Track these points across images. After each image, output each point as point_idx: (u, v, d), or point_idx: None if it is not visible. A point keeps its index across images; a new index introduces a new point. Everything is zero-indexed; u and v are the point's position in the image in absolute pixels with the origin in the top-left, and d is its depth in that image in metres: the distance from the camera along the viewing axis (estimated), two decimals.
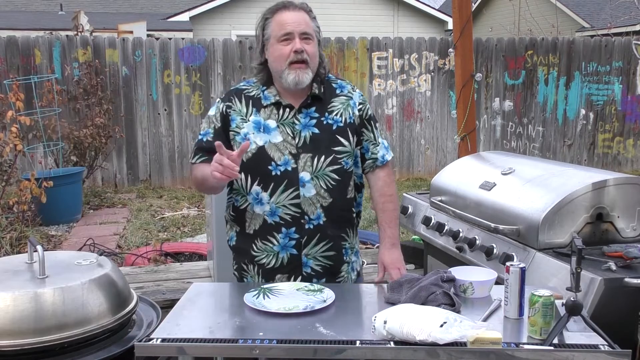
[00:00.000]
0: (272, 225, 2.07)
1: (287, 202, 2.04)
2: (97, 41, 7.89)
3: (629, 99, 9.41)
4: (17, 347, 2.01)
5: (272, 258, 2.11)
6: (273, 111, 2.09)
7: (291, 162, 2.04)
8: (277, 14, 2.06)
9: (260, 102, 2.10)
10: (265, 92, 2.11)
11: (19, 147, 5.25)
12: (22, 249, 4.83)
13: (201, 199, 7.23)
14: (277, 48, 2.02)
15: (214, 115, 2.15)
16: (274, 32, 2.04)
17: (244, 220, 2.13)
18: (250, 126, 2.07)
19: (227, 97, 2.15)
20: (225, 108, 2.12)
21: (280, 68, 2.02)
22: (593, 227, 2.34)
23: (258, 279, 2.16)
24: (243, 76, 8.23)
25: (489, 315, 1.84)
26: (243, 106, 2.11)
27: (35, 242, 2.28)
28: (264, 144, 2.05)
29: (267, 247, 2.10)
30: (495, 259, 2.46)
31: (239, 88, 2.17)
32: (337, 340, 1.67)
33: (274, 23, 2.05)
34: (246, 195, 2.09)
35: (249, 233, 2.13)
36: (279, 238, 2.07)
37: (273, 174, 2.04)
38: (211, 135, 2.13)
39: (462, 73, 3.92)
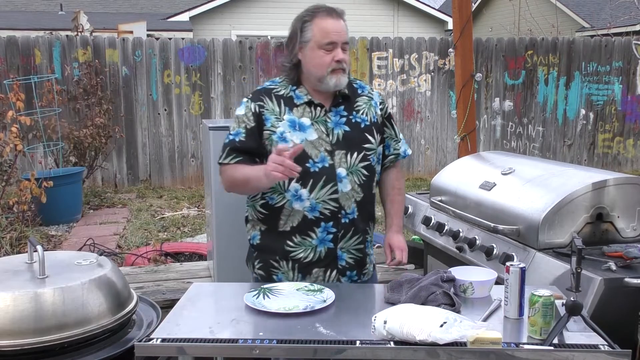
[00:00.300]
0: (312, 221, 2.10)
1: (326, 197, 2.09)
2: (97, 41, 7.89)
3: (629, 99, 9.41)
4: (17, 347, 2.01)
5: (310, 252, 2.13)
6: (306, 109, 2.13)
7: (327, 158, 2.10)
8: (318, 19, 2.08)
9: (293, 101, 2.14)
10: (296, 91, 2.15)
11: (19, 147, 5.25)
12: (22, 249, 4.83)
13: (201, 199, 7.23)
14: (318, 54, 2.07)
15: (244, 115, 2.13)
16: (315, 37, 2.07)
17: (278, 218, 2.13)
18: (285, 125, 2.10)
19: (257, 97, 2.15)
20: (258, 107, 2.12)
21: (321, 74, 2.08)
22: (593, 227, 2.34)
23: (293, 274, 2.16)
24: (243, 76, 8.23)
25: (489, 315, 1.84)
26: (275, 105, 2.13)
27: (35, 242, 2.28)
28: (301, 142, 2.08)
29: (306, 241, 2.12)
30: (495, 259, 2.47)
31: (266, 88, 2.19)
32: (337, 340, 1.67)
33: (317, 29, 2.07)
34: (284, 193, 2.11)
35: (285, 230, 2.13)
36: (318, 232, 2.11)
37: (312, 171, 2.08)
38: (243, 135, 2.12)
39: (462, 73, 3.92)
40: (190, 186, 8.20)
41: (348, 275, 2.19)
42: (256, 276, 2.25)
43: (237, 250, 3.65)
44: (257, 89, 2.20)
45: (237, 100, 8.25)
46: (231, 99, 8.26)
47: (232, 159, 2.12)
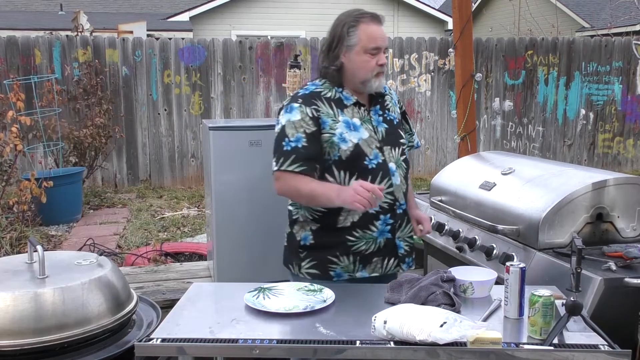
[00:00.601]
0: (372, 215, 2.18)
1: (383, 191, 2.14)
2: (97, 41, 7.89)
3: (629, 99, 9.41)
4: (17, 347, 2.01)
5: (371, 244, 2.21)
6: (354, 110, 2.21)
7: (379, 155, 2.20)
8: (364, 24, 2.15)
9: (342, 102, 2.21)
10: (343, 92, 2.22)
11: (19, 147, 5.25)
12: (22, 249, 4.83)
13: (201, 199, 7.23)
14: (364, 58, 2.15)
15: (301, 120, 2.13)
16: (362, 42, 2.14)
17: (338, 215, 2.17)
18: (342, 126, 2.16)
19: (310, 101, 2.16)
20: (314, 111, 2.14)
21: (367, 77, 2.17)
22: (593, 227, 2.34)
23: (354, 266, 2.22)
24: (243, 76, 8.23)
25: (489, 315, 1.84)
26: (328, 108, 2.17)
27: (35, 242, 2.28)
28: (357, 141, 2.16)
29: (367, 234, 2.20)
30: (495, 259, 2.46)
31: (314, 91, 2.21)
32: (337, 340, 1.67)
33: (363, 33, 2.14)
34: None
35: (345, 226, 2.18)
36: (378, 225, 2.20)
37: (370, 168, 2.17)
38: (304, 140, 2.12)
39: (462, 73, 3.92)
40: (190, 186, 8.20)
41: (407, 262, 2.32)
42: (303, 277, 2.25)
43: (237, 250, 3.66)
44: (305, 93, 2.20)
45: (237, 100, 8.26)
46: (231, 99, 8.26)
47: (297, 167, 2.11)
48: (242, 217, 3.64)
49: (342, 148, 2.14)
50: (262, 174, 3.67)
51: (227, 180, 3.59)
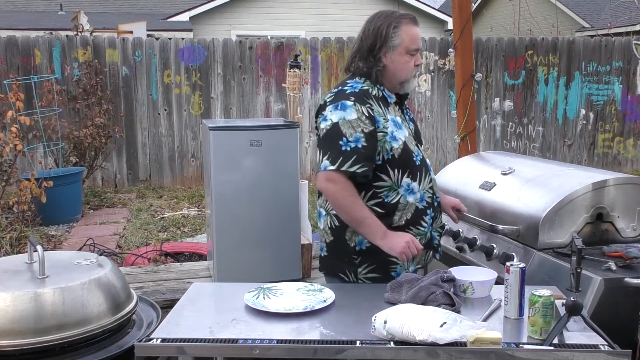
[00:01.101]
0: (421, 210, 2.23)
1: (427, 187, 2.26)
2: (97, 41, 7.89)
3: (629, 99, 9.41)
4: (17, 347, 2.01)
5: (422, 239, 2.24)
6: (395, 109, 2.26)
7: (419, 152, 2.27)
8: (406, 26, 2.18)
9: (387, 101, 2.23)
10: (385, 91, 2.24)
11: (19, 147, 5.25)
12: (22, 249, 4.83)
13: (201, 199, 7.23)
14: (405, 59, 2.18)
15: (357, 119, 2.09)
16: (404, 43, 2.17)
17: (393, 214, 2.18)
18: (391, 124, 2.17)
19: (362, 99, 2.14)
20: (369, 110, 2.13)
21: (406, 77, 2.22)
22: (593, 227, 2.34)
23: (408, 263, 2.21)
24: (243, 76, 8.23)
25: (489, 315, 1.84)
26: (378, 107, 2.17)
27: (35, 242, 2.28)
28: (404, 139, 2.20)
29: (420, 230, 2.24)
30: (495, 259, 2.47)
31: (363, 89, 2.18)
32: (337, 340, 1.67)
33: (405, 34, 2.17)
34: (397, 189, 2.18)
35: (399, 225, 2.18)
36: (427, 219, 2.26)
37: (417, 164, 2.22)
38: (363, 140, 2.09)
39: (462, 73, 3.92)
40: (190, 186, 8.20)
41: (439, 252, 2.40)
42: (362, 282, 2.21)
43: (237, 250, 3.66)
44: (355, 91, 2.16)
45: (237, 100, 8.26)
46: (231, 99, 8.26)
47: (358, 168, 2.07)
48: (242, 217, 3.64)
49: (394, 146, 2.15)
50: (262, 174, 3.68)
51: (227, 180, 3.60)
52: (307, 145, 8.50)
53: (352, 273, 2.21)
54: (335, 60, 8.48)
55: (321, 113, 2.18)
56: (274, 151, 3.66)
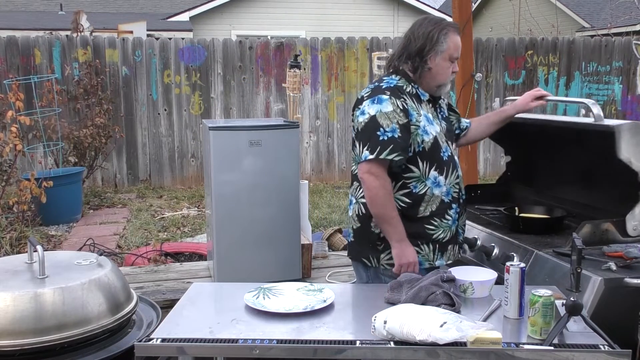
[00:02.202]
0: (447, 204, 2.31)
1: (454, 181, 2.34)
2: (97, 41, 7.89)
3: (629, 99, 9.41)
4: (17, 347, 2.01)
5: (447, 232, 2.33)
6: (428, 106, 2.35)
7: (448, 148, 2.35)
8: (452, 34, 2.29)
9: (420, 98, 2.32)
10: (419, 89, 2.33)
11: (18, 147, 5.25)
12: (22, 249, 4.82)
13: (201, 199, 7.23)
14: (447, 64, 2.30)
15: (393, 111, 2.21)
16: (449, 50, 2.28)
17: (419, 205, 2.27)
18: (424, 119, 2.27)
19: (397, 94, 2.25)
20: (403, 104, 2.23)
21: (442, 82, 2.32)
22: (593, 227, 2.34)
23: (433, 255, 2.30)
24: (243, 76, 8.23)
25: (489, 315, 1.84)
26: (411, 102, 2.28)
27: (35, 242, 2.28)
28: (435, 134, 2.30)
29: (444, 223, 2.31)
30: (495, 259, 2.47)
31: (398, 85, 2.30)
32: (337, 340, 1.67)
33: (451, 42, 2.28)
34: (425, 181, 2.27)
35: (424, 215, 2.28)
36: (451, 214, 2.33)
37: (444, 159, 2.31)
38: (399, 131, 2.20)
39: (462, 73, 3.92)
40: (190, 186, 8.20)
41: (463, 248, 2.48)
42: (383, 267, 2.29)
43: (237, 250, 3.66)
44: (390, 86, 2.28)
45: (237, 100, 8.26)
46: (231, 99, 8.26)
47: (396, 156, 2.18)
48: (242, 217, 3.64)
49: (425, 140, 2.25)
50: (262, 174, 3.68)
51: (227, 180, 3.59)
52: (307, 145, 8.50)
53: (375, 258, 2.30)
54: (335, 60, 8.47)
55: (358, 107, 2.30)
56: (274, 151, 3.65)
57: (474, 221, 2.81)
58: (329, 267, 4.13)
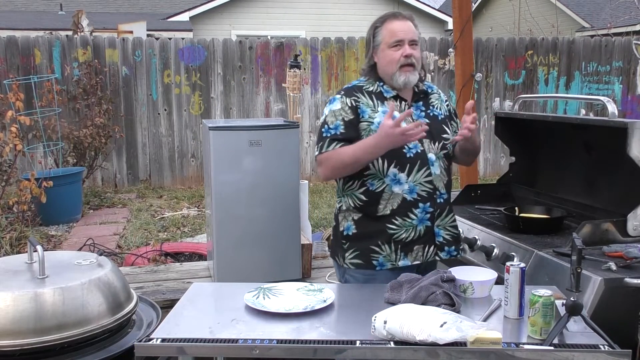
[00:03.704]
0: (410, 202, 2.24)
1: (422, 179, 2.25)
2: (97, 41, 7.89)
3: (629, 99, 9.41)
4: (17, 347, 2.01)
5: (411, 232, 2.26)
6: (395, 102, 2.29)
7: (418, 145, 2.26)
8: (387, 22, 2.28)
9: (383, 95, 2.31)
10: (384, 87, 2.32)
11: (18, 147, 5.25)
12: (22, 249, 4.83)
13: (201, 199, 7.23)
14: (388, 53, 2.26)
15: (341, 109, 2.26)
16: (385, 39, 2.26)
17: (378, 203, 2.24)
18: (381, 116, 2.23)
19: (351, 93, 2.30)
20: (353, 101, 2.27)
21: (392, 71, 2.26)
22: (593, 227, 2.34)
23: (395, 255, 2.26)
24: (243, 76, 8.23)
25: (489, 315, 1.84)
26: (369, 99, 2.28)
27: (35, 242, 2.28)
28: None
29: (407, 222, 2.25)
30: (495, 259, 2.46)
31: (356, 85, 2.34)
32: (337, 340, 1.67)
33: (385, 31, 2.27)
34: (383, 178, 2.23)
35: (384, 214, 2.24)
36: (417, 213, 2.25)
37: (407, 156, 2.23)
38: (342, 127, 2.24)
39: (462, 73, 3.93)
40: (190, 186, 8.20)
41: (447, 251, 2.34)
42: (346, 267, 2.31)
43: (237, 250, 3.66)
44: (348, 87, 2.34)
45: (237, 100, 8.26)
46: (231, 99, 8.26)
47: (335, 146, 2.23)
48: (242, 217, 3.64)
49: None
50: (262, 174, 3.68)
51: (227, 180, 3.60)
52: (307, 145, 8.50)
53: (341, 257, 2.33)
54: (335, 60, 8.48)
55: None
56: (274, 151, 3.65)
57: (474, 221, 2.81)
58: (329, 267, 4.13)
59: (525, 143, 3.17)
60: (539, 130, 3.03)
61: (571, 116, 3.10)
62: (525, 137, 3.13)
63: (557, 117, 2.98)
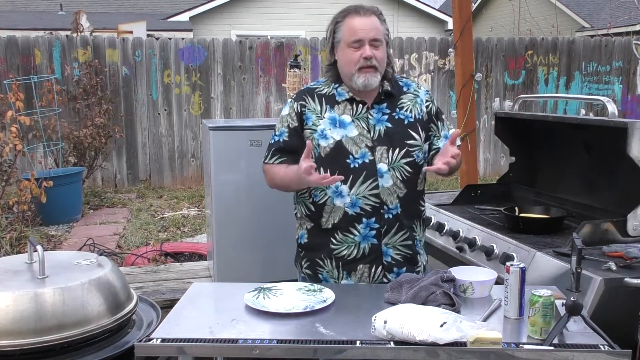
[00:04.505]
0: (352, 217, 2.11)
1: (366, 192, 2.09)
2: (97, 41, 7.89)
3: (629, 99, 9.41)
4: (17, 347, 2.01)
5: (353, 249, 2.14)
6: (347, 107, 2.15)
7: (368, 154, 2.10)
8: (348, 18, 2.10)
9: (334, 99, 2.17)
10: (338, 89, 2.18)
11: (18, 147, 5.25)
12: (22, 249, 4.83)
13: (201, 199, 7.23)
14: (347, 53, 2.09)
15: (287, 115, 2.19)
16: (344, 36, 2.09)
17: (321, 215, 2.16)
18: (326, 122, 2.13)
19: (300, 97, 2.20)
20: (299, 107, 2.17)
21: (350, 72, 2.10)
22: (593, 227, 2.34)
23: (338, 272, 2.17)
24: (243, 76, 8.23)
25: (489, 315, 1.84)
26: (317, 104, 2.17)
27: (35, 242, 2.27)
28: (340, 138, 2.11)
29: (348, 238, 2.13)
30: (495, 259, 2.46)
31: (309, 87, 2.23)
32: (337, 340, 1.67)
33: (345, 27, 2.10)
34: (325, 190, 2.12)
35: (327, 227, 2.15)
36: (360, 229, 2.12)
37: (351, 167, 2.09)
38: (286, 135, 2.18)
39: (462, 73, 3.93)
40: (190, 186, 8.20)
41: (396, 272, 2.16)
42: (304, 276, 2.28)
43: (237, 250, 3.66)
44: (301, 90, 2.25)
45: (237, 100, 8.26)
46: (231, 99, 8.26)
47: (275, 160, 2.19)
48: (242, 217, 3.64)
49: (322, 145, 2.12)
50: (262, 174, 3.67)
51: (227, 180, 3.59)
52: None
53: (299, 265, 2.31)
54: None
55: None
56: None
57: (474, 221, 2.81)
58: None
59: (525, 143, 3.17)
60: (539, 130, 3.03)
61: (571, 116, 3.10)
62: (525, 137, 3.13)
63: (557, 117, 2.98)
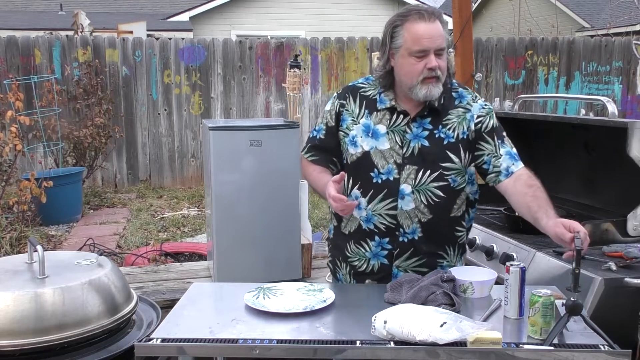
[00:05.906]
0: (366, 232, 2.05)
1: (383, 211, 2.01)
2: (97, 41, 7.89)
3: (629, 99, 9.41)
4: (17, 347, 2.01)
5: (363, 263, 2.10)
6: (385, 116, 2.03)
7: (394, 171, 1.99)
8: (410, 22, 1.92)
9: (375, 105, 2.05)
10: (382, 95, 2.05)
11: (18, 147, 5.25)
12: (22, 249, 4.83)
13: (201, 199, 7.23)
14: (409, 62, 1.93)
15: (328, 112, 2.14)
16: (407, 44, 1.92)
17: (342, 219, 2.13)
18: (359, 129, 2.04)
19: (343, 95, 2.12)
20: (339, 106, 2.11)
21: (412, 83, 1.94)
22: (593, 227, 2.34)
23: (349, 278, 2.16)
24: (243, 76, 8.23)
25: (489, 315, 1.84)
26: (356, 106, 2.07)
27: (35, 242, 2.27)
28: (369, 149, 2.02)
29: (360, 251, 2.09)
30: (495, 259, 2.47)
31: (356, 85, 2.13)
32: (337, 340, 1.67)
33: (408, 34, 1.91)
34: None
35: (344, 233, 2.13)
36: (372, 245, 2.06)
37: (374, 181, 2.01)
38: (323, 132, 2.15)
39: (462, 73, 3.93)
40: (190, 186, 8.20)
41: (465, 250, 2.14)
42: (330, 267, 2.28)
43: (237, 250, 3.66)
44: (348, 85, 2.16)
45: (237, 100, 8.27)
46: (231, 99, 8.26)
47: (310, 156, 2.17)
48: (242, 217, 3.64)
49: (350, 152, 2.05)
50: (262, 174, 3.68)
51: (227, 180, 3.60)
52: None
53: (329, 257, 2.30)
54: (335, 60, 8.47)
55: None
56: (274, 151, 3.66)
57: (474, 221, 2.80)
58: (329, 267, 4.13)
59: (526, 143, 3.16)
60: (539, 130, 3.03)
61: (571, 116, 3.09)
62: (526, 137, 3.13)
63: (557, 117, 2.98)
